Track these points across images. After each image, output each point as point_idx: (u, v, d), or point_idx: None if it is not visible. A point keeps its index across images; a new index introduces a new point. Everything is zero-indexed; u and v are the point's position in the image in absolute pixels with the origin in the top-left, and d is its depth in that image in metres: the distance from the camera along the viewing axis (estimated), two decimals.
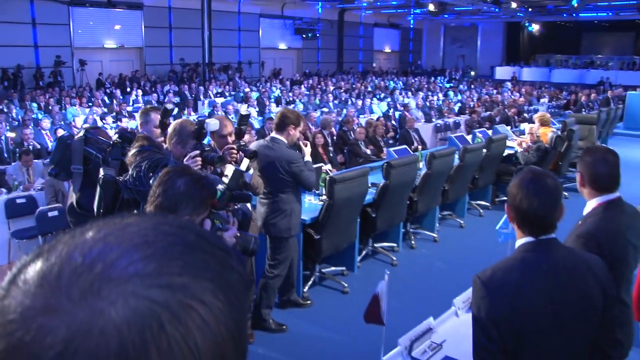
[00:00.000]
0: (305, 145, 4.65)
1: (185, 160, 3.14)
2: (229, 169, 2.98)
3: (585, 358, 2.06)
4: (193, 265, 0.47)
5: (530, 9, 27.97)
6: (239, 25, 27.98)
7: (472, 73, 34.04)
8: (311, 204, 5.67)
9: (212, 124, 3.28)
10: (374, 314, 2.51)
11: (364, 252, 6.35)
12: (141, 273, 0.44)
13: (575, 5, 17.37)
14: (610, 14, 29.86)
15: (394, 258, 6.36)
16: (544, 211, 2.00)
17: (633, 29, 32.38)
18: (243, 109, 4.16)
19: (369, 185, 5.91)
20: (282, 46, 30.84)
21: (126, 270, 0.44)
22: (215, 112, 12.56)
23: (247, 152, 3.86)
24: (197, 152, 3.17)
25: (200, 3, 25.11)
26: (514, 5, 24.63)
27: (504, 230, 3.81)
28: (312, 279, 5.66)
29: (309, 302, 5.31)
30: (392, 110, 15.67)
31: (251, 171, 4.11)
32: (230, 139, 4.08)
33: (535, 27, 30.65)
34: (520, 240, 2.08)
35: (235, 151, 3.97)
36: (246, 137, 7.70)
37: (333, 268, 5.95)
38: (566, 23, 33.43)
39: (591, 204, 2.75)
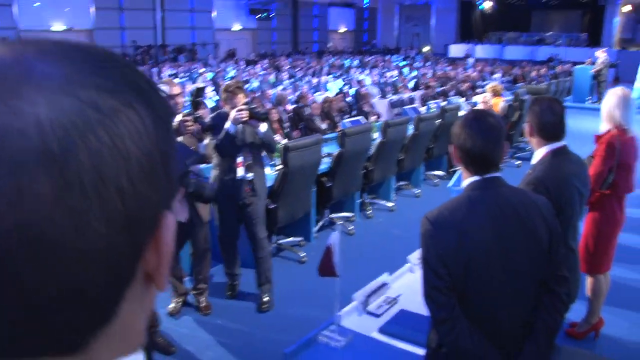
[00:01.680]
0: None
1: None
2: None
3: (531, 295, 2.10)
4: (121, 75, 0.44)
5: None
6: (192, 5, 27.57)
7: (428, 48, 34.34)
8: (267, 175, 5.64)
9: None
10: (327, 267, 2.52)
11: (320, 223, 6.36)
12: (65, 75, 0.41)
13: None
14: None
15: (351, 227, 6.40)
16: (487, 149, 2.03)
17: (580, 7, 33.24)
18: (199, 82, 4.23)
19: (324, 155, 5.92)
20: (237, 27, 30.54)
21: (49, 73, 0.40)
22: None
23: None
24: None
25: None
26: None
27: (456, 188, 3.87)
28: None
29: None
30: (347, 87, 15.66)
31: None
32: (180, 100, 4.22)
33: (487, 5, 31.10)
34: (467, 180, 2.11)
35: (190, 123, 4.02)
36: (200, 111, 7.67)
37: (291, 239, 5.95)
38: (517, 1, 33.99)
39: (540, 152, 2.82)
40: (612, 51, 25.71)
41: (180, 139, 4.23)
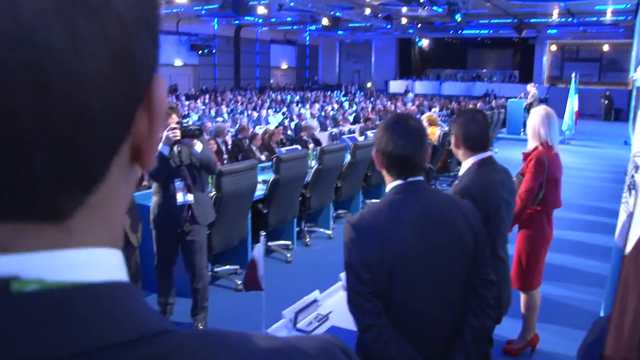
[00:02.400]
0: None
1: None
2: None
3: (458, 300, 2.08)
4: None
5: (419, 25, 29.19)
6: None
7: (370, 84, 35.09)
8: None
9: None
10: (252, 280, 2.45)
11: None
12: None
13: (459, 20, 18.25)
14: (491, 31, 31.90)
15: (289, 255, 6.32)
16: (409, 151, 2.01)
17: (512, 45, 34.90)
18: None
19: (260, 181, 5.87)
20: (178, 62, 30.36)
21: None
22: None
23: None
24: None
25: None
26: (404, 21, 25.63)
27: None
28: None
29: None
30: (287, 120, 15.73)
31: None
32: None
33: (424, 43, 32.03)
34: (390, 185, 2.09)
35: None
36: None
37: (227, 267, 5.83)
38: (453, 40, 35.29)
39: (466, 163, 2.85)
40: (542, 87, 26.88)
41: None
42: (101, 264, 0.42)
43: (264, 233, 2.68)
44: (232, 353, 0.45)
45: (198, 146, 4.22)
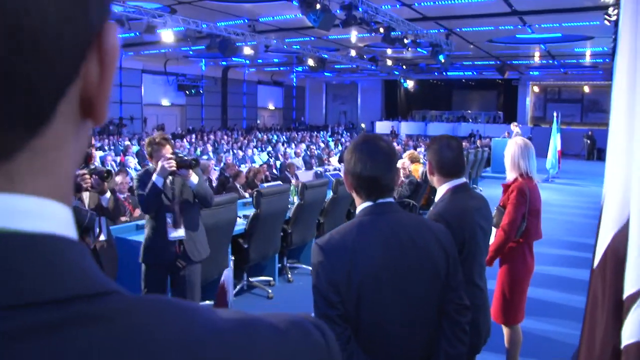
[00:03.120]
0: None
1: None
2: None
3: (430, 325, 2.04)
4: None
5: (404, 67, 29.63)
6: (120, 80, 27.41)
7: (363, 125, 35.52)
8: None
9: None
10: (221, 306, 2.39)
11: (238, 287, 6.17)
12: None
13: (443, 61, 18.52)
14: (474, 73, 32.53)
15: (270, 291, 6.23)
16: (378, 172, 1.98)
17: (495, 87, 35.56)
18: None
19: (241, 216, 5.83)
20: (166, 102, 30.52)
21: None
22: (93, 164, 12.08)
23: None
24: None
25: None
26: (389, 62, 26.00)
27: None
28: None
29: None
30: (272, 159, 15.77)
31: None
32: (94, 152, 4.01)
33: (410, 84, 32.47)
34: (360, 206, 2.06)
35: (88, 177, 3.79)
36: (118, 178, 7.43)
37: (207, 302, 5.72)
38: (438, 81, 35.89)
39: (441, 190, 2.82)
40: (526, 128, 27.26)
41: (85, 195, 4.05)
42: (45, 215, 0.39)
43: (233, 258, 2.63)
44: (187, 321, 0.42)
45: (194, 177, 4.10)
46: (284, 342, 0.46)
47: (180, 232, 4.13)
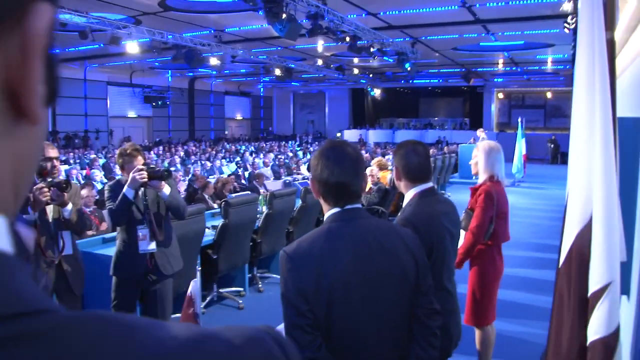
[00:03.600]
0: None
1: None
2: None
3: (401, 331, 2.03)
4: None
5: (371, 75, 29.84)
6: (85, 92, 27.03)
7: (339, 134, 35.61)
8: None
9: None
10: (188, 317, 2.36)
11: (208, 298, 6.11)
12: None
13: (409, 69, 18.70)
14: (440, 81, 32.96)
15: (240, 302, 6.18)
16: (345, 178, 1.97)
17: (461, 94, 36.08)
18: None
19: (209, 227, 5.77)
20: (132, 114, 30.18)
21: None
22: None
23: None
24: None
25: None
26: (356, 71, 26.16)
27: None
28: None
29: None
30: (241, 169, 15.69)
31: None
32: (57, 162, 3.93)
33: (377, 92, 32.67)
34: (327, 213, 2.04)
35: (47, 190, 3.71)
36: (84, 191, 7.29)
37: (176, 315, 5.63)
38: (405, 89, 36.22)
39: (408, 195, 2.81)
40: (492, 133, 27.65)
41: (49, 209, 3.95)
42: None
43: (200, 268, 2.59)
44: (127, 341, 0.38)
45: (166, 189, 4.04)
46: None
47: (152, 245, 4.06)
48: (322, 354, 1.87)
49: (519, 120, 17.23)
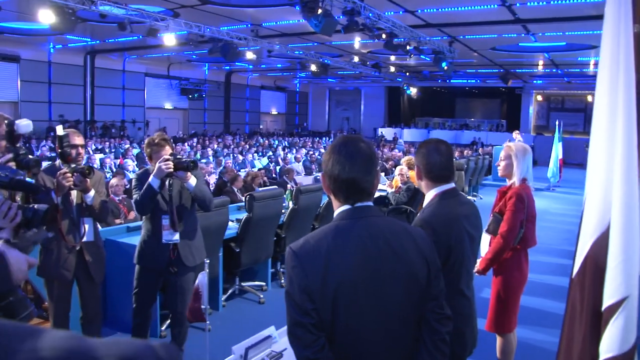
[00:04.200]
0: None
1: None
2: None
3: (409, 335, 1.95)
4: None
5: (408, 74, 29.61)
6: (123, 83, 27.49)
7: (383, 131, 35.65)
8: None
9: (23, 125, 3.01)
10: (195, 311, 2.32)
11: (230, 291, 6.10)
12: None
13: (445, 68, 18.45)
14: (478, 81, 32.49)
15: (261, 296, 6.15)
16: (356, 175, 1.89)
17: (499, 95, 35.55)
18: (59, 129, 3.81)
19: (233, 220, 5.76)
20: (168, 106, 30.55)
21: None
22: (92, 164, 12.04)
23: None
24: (10, 156, 2.89)
25: (82, 59, 24.49)
26: (392, 69, 25.98)
27: None
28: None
29: None
30: (273, 164, 15.71)
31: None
32: (82, 150, 3.96)
33: (413, 91, 32.40)
34: (337, 210, 1.98)
35: (70, 175, 3.72)
36: (114, 180, 7.36)
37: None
38: (441, 89, 35.86)
39: (429, 195, 2.72)
40: (528, 136, 27.19)
41: (73, 194, 3.96)
42: None
43: (208, 261, 2.55)
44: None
45: (192, 180, 4.01)
46: None
47: (176, 236, 4.05)
48: (325, 354, 1.81)
49: (557, 123, 16.84)
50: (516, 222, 3.84)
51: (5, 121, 2.99)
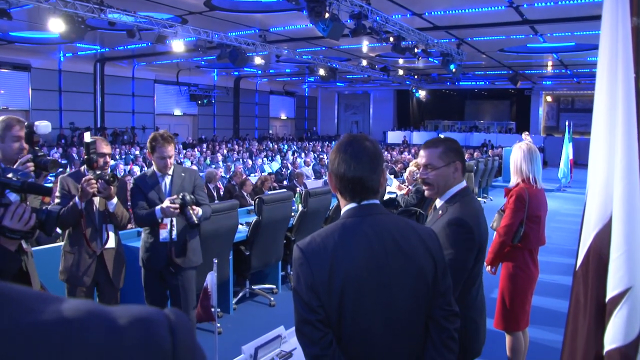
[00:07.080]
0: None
1: (15, 165, 2.90)
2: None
3: (416, 333, 1.96)
4: None
5: (416, 76, 29.58)
6: (133, 90, 27.68)
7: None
8: None
9: (42, 125, 3.06)
10: (205, 311, 2.34)
11: (240, 294, 6.13)
12: None
13: (454, 70, 18.42)
14: (487, 83, 32.39)
15: (272, 299, 6.17)
16: (362, 173, 1.90)
17: (508, 97, 35.42)
18: (87, 136, 3.82)
19: (243, 223, 5.78)
20: (178, 112, 30.71)
21: None
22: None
23: (104, 177, 3.84)
24: (29, 156, 2.94)
25: (92, 67, 24.69)
26: (401, 72, 25.99)
27: None
28: None
29: None
30: (283, 169, 15.75)
31: (114, 200, 3.98)
32: (109, 159, 4.03)
33: (422, 94, 32.35)
34: (344, 208, 1.99)
35: (94, 182, 3.77)
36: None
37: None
38: (450, 91, 35.80)
39: (448, 194, 2.69)
40: (538, 137, 27.08)
41: (96, 200, 3.99)
42: None
43: (216, 261, 2.58)
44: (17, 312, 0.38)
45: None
46: (116, 342, 0.42)
47: (173, 234, 4.16)
48: (332, 350, 1.82)
49: (567, 124, 16.77)
50: (514, 220, 3.88)
51: (25, 123, 3.04)
